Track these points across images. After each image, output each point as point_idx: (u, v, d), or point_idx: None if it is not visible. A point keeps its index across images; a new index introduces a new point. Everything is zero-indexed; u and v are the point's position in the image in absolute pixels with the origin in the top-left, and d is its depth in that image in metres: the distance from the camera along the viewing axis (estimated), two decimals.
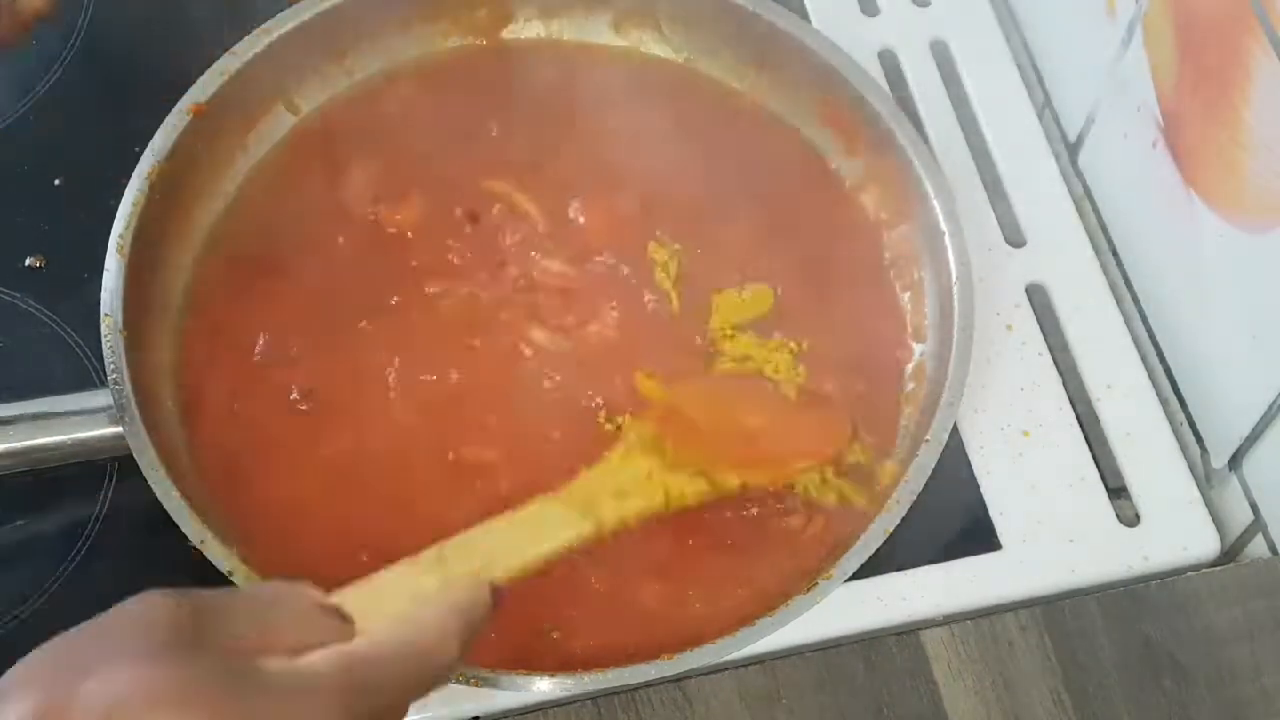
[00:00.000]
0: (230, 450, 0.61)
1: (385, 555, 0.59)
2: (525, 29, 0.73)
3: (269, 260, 0.66)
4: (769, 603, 0.55)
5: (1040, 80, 0.77)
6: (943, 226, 0.64)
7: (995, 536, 0.63)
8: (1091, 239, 0.72)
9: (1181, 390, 0.68)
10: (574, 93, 0.71)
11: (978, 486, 0.64)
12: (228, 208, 0.67)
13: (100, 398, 0.58)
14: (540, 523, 0.51)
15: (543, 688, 0.53)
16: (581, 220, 0.67)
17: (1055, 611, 0.59)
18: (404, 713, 0.42)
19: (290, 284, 0.65)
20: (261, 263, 0.66)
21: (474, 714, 0.58)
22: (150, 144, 0.63)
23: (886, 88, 0.72)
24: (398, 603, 0.43)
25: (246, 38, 0.66)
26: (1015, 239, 0.72)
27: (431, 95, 0.71)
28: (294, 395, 0.62)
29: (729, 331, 0.65)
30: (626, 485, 0.55)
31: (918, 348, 0.65)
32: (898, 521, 0.56)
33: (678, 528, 0.59)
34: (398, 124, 0.70)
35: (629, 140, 0.69)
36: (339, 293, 0.65)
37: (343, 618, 0.42)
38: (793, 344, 0.65)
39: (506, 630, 0.55)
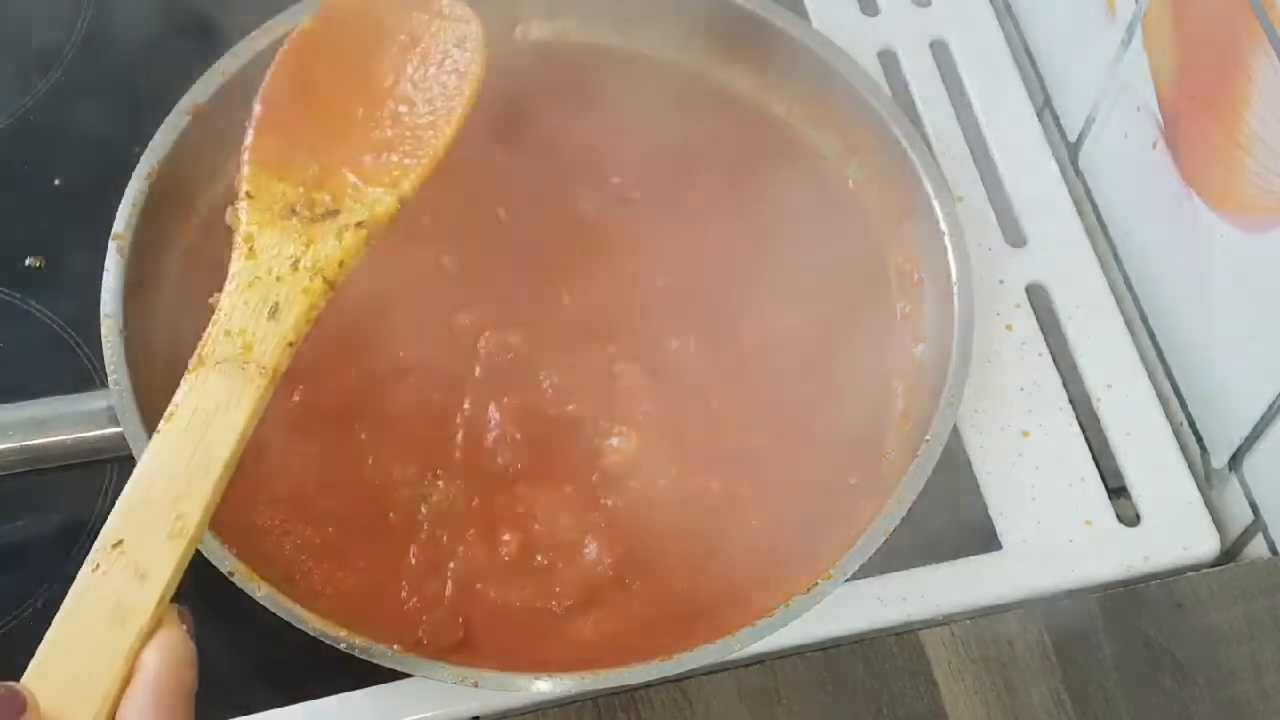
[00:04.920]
0: None
1: (384, 549, 0.59)
2: (531, 30, 0.73)
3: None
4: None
5: (1040, 80, 0.77)
6: (943, 226, 0.64)
7: (995, 536, 0.63)
8: (1091, 239, 0.72)
9: (1181, 390, 0.68)
10: (573, 94, 0.71)
11: (978, 486, 0.64)
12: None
13: (100, 398, 0.58)
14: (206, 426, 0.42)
15: (543, 688, 0.53)
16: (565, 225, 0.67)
17: (1055, 611, 0.59)
18: None
19: None
20: None
21: (474, 714, 0.58)
22: (150, 144, 0.63)
23: (886, 88, 0.72)
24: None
25: (246, 38, 0.66)
26: (1015, 239, 0.72)
27: None
28: (295, 396, 0.62)
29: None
30: (277, 297, 0.45)
31: (917, 348, 0.65)
32: (898, 521, 0.56)
33: None
34: None
35: (625, 141, 0.69)
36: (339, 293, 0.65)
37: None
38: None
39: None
